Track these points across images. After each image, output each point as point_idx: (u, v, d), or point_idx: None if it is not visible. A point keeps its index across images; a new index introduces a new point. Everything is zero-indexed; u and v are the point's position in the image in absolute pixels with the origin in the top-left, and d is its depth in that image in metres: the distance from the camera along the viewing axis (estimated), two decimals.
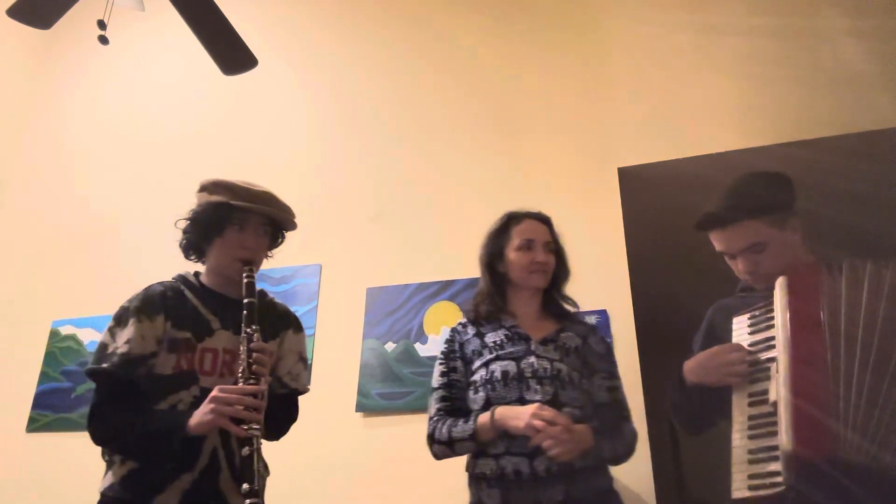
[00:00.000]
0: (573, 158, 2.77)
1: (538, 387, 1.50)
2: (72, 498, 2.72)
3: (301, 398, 1.69)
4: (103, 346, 1.44)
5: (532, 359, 1.55)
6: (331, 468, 2.49)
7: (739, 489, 1.23)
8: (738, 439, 1.28)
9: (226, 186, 1.56)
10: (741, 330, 1.41)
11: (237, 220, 1.55)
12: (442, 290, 2.67)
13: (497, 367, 1.55)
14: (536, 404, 1.43)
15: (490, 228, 1.80)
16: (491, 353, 1.60)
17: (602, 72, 2.90)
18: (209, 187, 1.58)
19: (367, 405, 2.55)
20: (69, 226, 3.47)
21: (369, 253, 2.89)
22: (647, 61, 2.85)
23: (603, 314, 2.45)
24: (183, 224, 1.59)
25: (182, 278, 1.60)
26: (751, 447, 1.25)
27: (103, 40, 2.34)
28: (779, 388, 1.23)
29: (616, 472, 2.31)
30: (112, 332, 1.46)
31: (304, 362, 1.68)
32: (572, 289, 2.54)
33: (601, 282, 2.51)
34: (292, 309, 1.76)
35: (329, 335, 2.76)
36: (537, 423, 1.38)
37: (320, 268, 2.90)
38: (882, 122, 2.29)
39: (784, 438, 1.18)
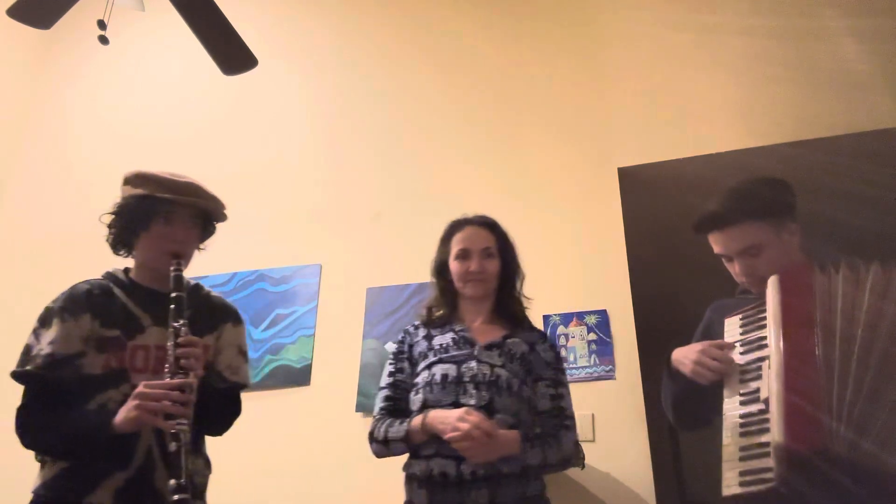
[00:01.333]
0: (573, 158, 2.77)
1: (474, 391, 1.51)
2: None
3: (301, 398, 1.69)
4: (28, 349, 1.42)
5: (473, 363, 1.56)
6: (331, 468, 2.49)
7: (730, 486, 1.24)
8: (730, 437, 1.29)
9: (150, 178, 1.52)
10: (733, 330, 1.42)
11: (163, 213, 1.50)
12: None
13: (438, 370, 1.56)
14: (464, 409, 1.45)
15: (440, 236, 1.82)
16: (435, 355, 1.61)
17: (602, 72, 2.90)
18: (132, 180, 1.53)
19: (367, 405, 2.54)
20: (69, 226, 3.47)
21: (369, 253, 2.88)
22: (647, 61, 2.85)
23: (603, 314, 2.45)
24: (108, 219, 1.54)
25: (110, 275, 1.56)
26: (742, 444, 1.26)
27: (103, 40, 2.34)
28: (770, 384, 1.24)
29: (616, 471, 2.31)
30: (36, 333, 1.43)
31: (245, 356, 1.64)
32: (572, 289, 2.57)
33: (601, 282, 2.51)
34: (292, 309, 1.75)
35: (329, 335, 2.76)
36: (461, 425, 1.40)
37: (320, 268, 2.90)
38: (882, 122, 2.29)
39: (775, 432, 1.18)
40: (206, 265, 2.86)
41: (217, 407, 1.50)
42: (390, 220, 2.93)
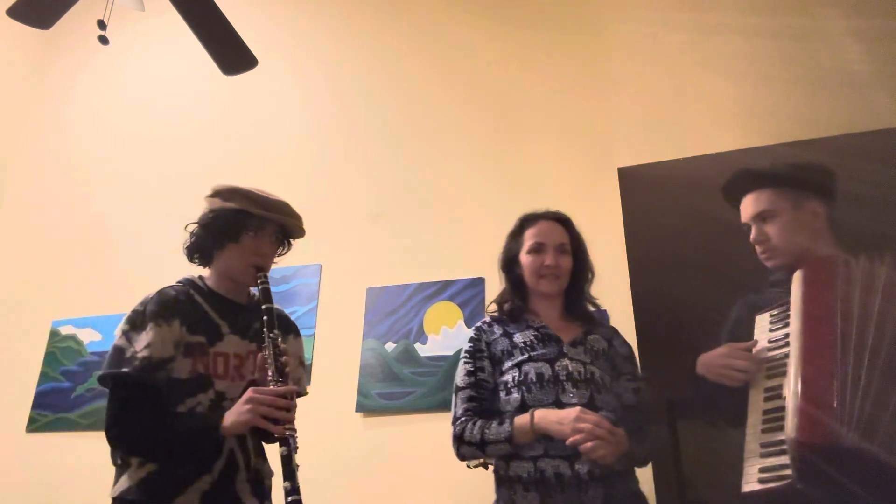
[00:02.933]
0: (573, 158, 2.77)
1: (574, 390, 1.49)
2: (72, 498, 2.72)
3: (301, 398, 1.72)
4: (120, 350, 1.43)
5: (566, 361, 1.54)
6: (331, 468, 2.49)
7: (749, 482, 1.23)
8: (752, 433, 1.28)
9: (243, 194, 1.59)
10: (762, 327, 1.42)
11: (253, 228, 1.57)
12: (442, 290, 2.67)
13: (531, 369, 1.54)
14: (579, 408, 1.42)
15: (510, 230, 1.80)
16: (522, 353, 1.58)
17: (602, 72, 2.90)
18: (224, 193, 1.60)
19: (367, 405, 2.55)
20: (69, 225, 3.47)
21: (369, 253, 2.89)
22: (647, 61, 2.85)
23: (603, 314, 2.45)
24: (193, 227, 1.61)
25: (190, 282, 1.61)
26: (763, 441, 1.25)
27: (103, 40, 2.34)
28: (789, 381, 1.24)
29: None
30: (128, 336, 1.45)
31: (304, 366, 1.74)
32: None
33: (601, 282, 2.50)
34: (292, 309, 1.78)
35: (329, 335, 2.76)
36: (583, 426, 1.38)
37: (320, 268, 2.90)
38: (882, 122, 2.29)
39: (789, 427, 1.18)
40: None
41: None
42: (390, 220, 2.93)
